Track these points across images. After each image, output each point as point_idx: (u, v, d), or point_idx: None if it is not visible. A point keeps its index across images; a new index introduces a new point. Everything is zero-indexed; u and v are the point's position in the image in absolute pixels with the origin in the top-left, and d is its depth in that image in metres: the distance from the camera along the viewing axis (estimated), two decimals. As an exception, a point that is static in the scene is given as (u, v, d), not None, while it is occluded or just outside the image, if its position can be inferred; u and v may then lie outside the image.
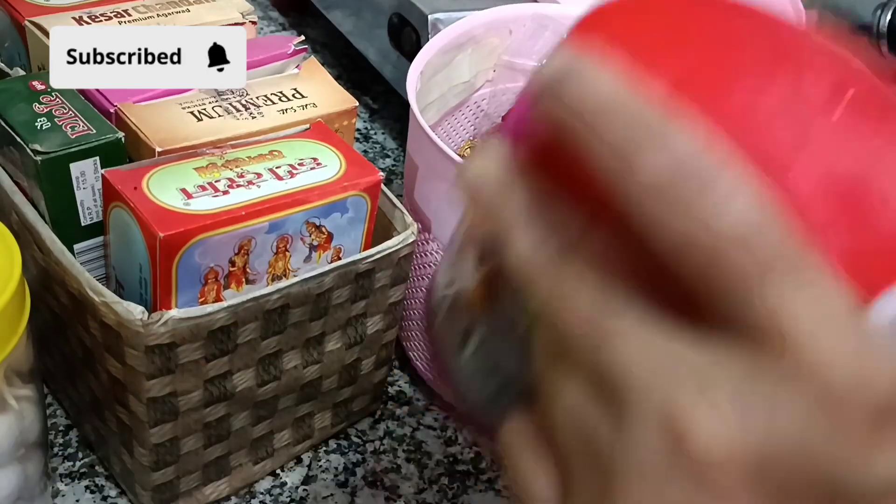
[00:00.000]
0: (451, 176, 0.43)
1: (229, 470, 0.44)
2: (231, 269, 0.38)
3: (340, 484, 0.47)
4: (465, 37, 0.54)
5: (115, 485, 0.45)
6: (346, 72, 0.85)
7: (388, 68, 0.69)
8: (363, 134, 0.76)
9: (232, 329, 0.38)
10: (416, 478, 0.48)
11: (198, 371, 0.38)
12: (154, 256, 0.36)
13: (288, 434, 0.46)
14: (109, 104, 0.41)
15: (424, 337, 0.50)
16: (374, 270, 0.43)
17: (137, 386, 0.37)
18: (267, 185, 0.39)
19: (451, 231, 0.44)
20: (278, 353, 0.41)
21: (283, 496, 0.46)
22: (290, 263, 0.41)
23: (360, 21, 0.74)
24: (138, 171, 0.38)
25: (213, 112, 0.42)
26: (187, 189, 0.37)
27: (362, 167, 0.42)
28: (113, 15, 0.45)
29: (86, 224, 0.40)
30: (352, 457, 0.49)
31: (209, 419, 0.41)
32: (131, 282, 0.38)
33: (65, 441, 0.46)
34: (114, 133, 0.39)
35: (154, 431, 0.39)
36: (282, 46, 0.48)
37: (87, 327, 0.38)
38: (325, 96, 0.46)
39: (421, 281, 0.49)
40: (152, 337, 0.35)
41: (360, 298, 0.43)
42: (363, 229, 0.43)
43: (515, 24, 0.58)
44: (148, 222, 0.35)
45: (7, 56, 0.48)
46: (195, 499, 0.44)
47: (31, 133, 0.38)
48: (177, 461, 0.41)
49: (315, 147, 0.42)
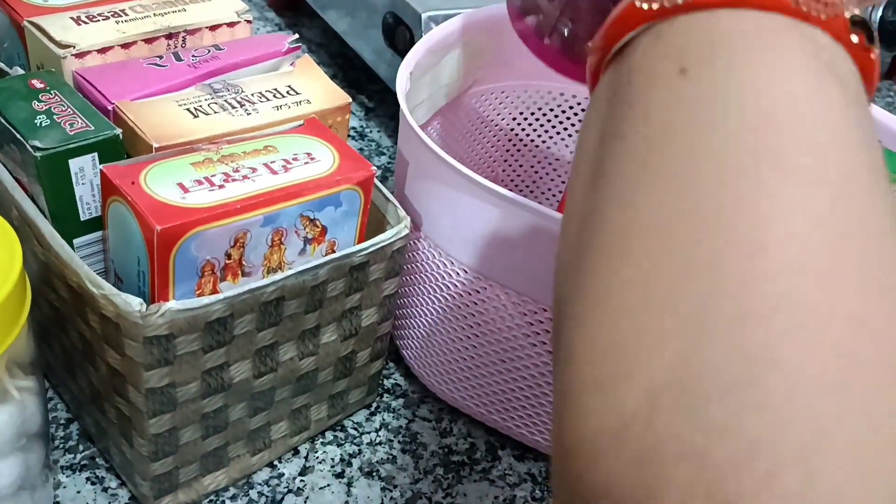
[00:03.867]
0: (441, 174, 0.44)
1: (227, 461, 0.45)
2: (227, 261, 0.39)
3: (337, 475, 0.48)
4: (454, 37, 0.55)
5: (115, 476, 0.45)
6: (342, 71, 0.85)
7: (383, 67, 0.70)
8: (358, 132, 0.77)
9: (228, 321, 0.39)
10: (411, 468, 0.49)
11: (195, 362, 0.39)
12: (152, 249, 0.36)
13: (285, 426, 0.47)
14: (107, 101, 0.42)
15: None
16: (369, 263, 0.44)
17: (136, 377, 0.38)
18: (262, 180, 0.40)
19: (441, 228, 0.45)
20: (274, 345, 0.42)
21: (280, 487, 0.47)
22: (285, 256, 0.41)
23: (354, 21, 0.74)
24: (136, 166, 0.39)
25: (208, 109, 0.43)
26: (184, 183, 0.38)
27: (355, 161, 0.43)
28: (110, 14, 0.46)
29: (85, 219, 0.41)
30: (348, 448, 0.50)
31: (207, 410, 0.42)
32: (130, 275, 0.39)
33: (65, 434, 0.47)
34: (112, 130, 0.40)
35: (153, 422, 0.40)
36: (276, 44, 0.48)
37: (86, 320, 0.39)
38: (318, 93, 0.47)
39: (413, 278, 0.49)
40: (151, 328, 0.36)
41: (355, 291, 0.44)
42: (357, 223, 0.43)
43: (504, 23, 0.59)
44: (145, 216, 0.36)
45: (6, 56, 0.48)
46: (194, 489, 0.45)
47: (30, 130, 0.39)
48: (175, 452, 0.42)
49: (309, 142, 0.43)
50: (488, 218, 0.43)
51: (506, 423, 0.50)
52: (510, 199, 0.41)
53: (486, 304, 0.46)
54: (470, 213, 0.43)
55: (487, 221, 0.43)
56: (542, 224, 0.41)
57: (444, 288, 0.47)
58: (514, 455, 0.51)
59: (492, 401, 0.49)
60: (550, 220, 0.41)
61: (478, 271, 0.45)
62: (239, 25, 0.50)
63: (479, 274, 0.45)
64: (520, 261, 0.43)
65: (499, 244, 0.43)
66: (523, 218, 0.42)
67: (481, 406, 0.50)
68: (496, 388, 0.49)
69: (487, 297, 0.46)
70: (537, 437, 0.49)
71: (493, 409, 0.50)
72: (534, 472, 0.50)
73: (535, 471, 0.51)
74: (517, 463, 0.51)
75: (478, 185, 0.42)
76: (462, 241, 0.45)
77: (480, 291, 0.46)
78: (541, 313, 0.44)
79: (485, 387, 0.49)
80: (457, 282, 0.46)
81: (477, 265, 0.45)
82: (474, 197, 0.43)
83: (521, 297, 0.44)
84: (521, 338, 0.46)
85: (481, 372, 0.49)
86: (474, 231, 0.44)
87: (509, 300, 0.45)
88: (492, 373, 0.48)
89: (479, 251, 0.44)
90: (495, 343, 0.47)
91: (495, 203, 0.42)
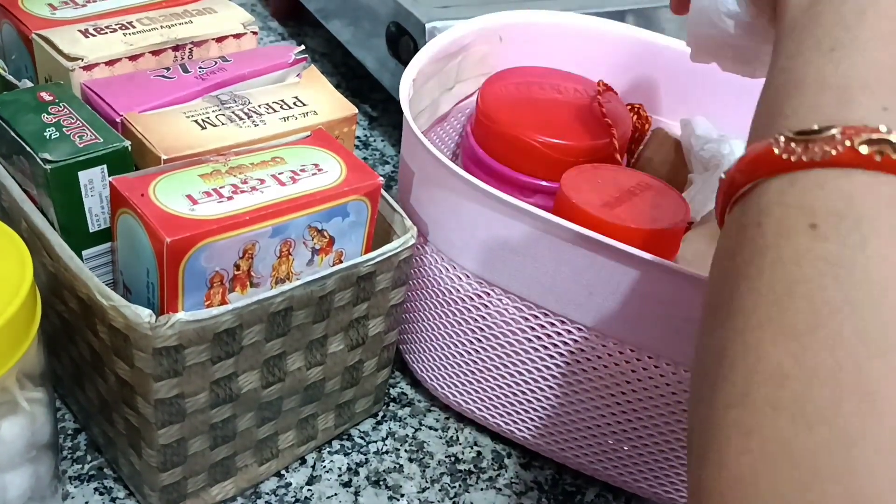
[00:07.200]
0: (444, 181, 0.44)
1: (235, 471, 0.45)
2: (236, 272, 0.39)
3: (344, 484, 0.48)
4: (456, 45, 0.55)
5: (123, 486, 0.46)
6: (345, 80, 0.86)
7: (387, 76, 0.71)
8: (363, 141, 0.77)
9: (237, 331, 0.39)
10: (418, 477, 0.49)
11: (204, 373, 0.39)
12: (161, 261, 0.37)
13: (292, 435, 0.47)
14: (116, 114, 0.42)
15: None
16: (375, 273, 0.44)
17: (145, 388, 0.38)
18: (270, 191, 0.40)
19: (445, 234, 0.45)
20: (282, 355, 0.42)
21: (287, 496, 0.47)
22: (293, 267, 0.41)
23: (358, 30, 0.75)
24: (145, 178, 0.39)
25: (216, 121, 0.43)
26: (193, 195, 0.38)
27: (362, 172, 0.43)
28: (118, 27, 0.46)
29: (94, 231, 0.41)
30: (355, 457, 0.50)
31: (215, 420, 0.42)
32: (139, 286, 0.39)
33: (73, 444, 0.47)
34: (120, 142, 0.40)
35: (162, 433, 0.40)
36: (282, 56, 0.49)
37: (95, 331, 0.39)
38: (325, 104, 0.47)
39: (419, 285, 0.50)
40: (160, 339, 0.36)
41: (362, 301, 0.44)
42: (364, 233, 0.44)
43: (505, 31, 0.59)
44: (155, 228, 0.36)
45: (14, 68, 0.49)
46: (202, 499, 0.45)
47: (40, 143, 0.39)
48: (184, 462, 0.42)
49: (316, 153, 0.43)
50: (492, 224, 0.43)
51: (509, 428, 0.50)
52: (514, 205, 0.42)
53: (489, 309, 0.46)
54: (474, 219, 0.44)
55: (491, 228, 0.43)
56: (546, 230, 0.41)
57: (448, 293, 0.48)
58: (520, 463, 0.51)
59: (495, 405, 0.50)
60: (553, 226, 0.41)
61: (482, 277, 0.45)
62: (245, 37, 0.50)
63: (484, 280, 0.45)
64: (524, 266, 0.43)
65: (503, 250, 0.44)
66: (527, 223, 0.42)
67: (486, 412, 0.50)
68: (501, 392, 0.49)
69: (491, 302, 0.46)
70: (539, 442, 0.50)
71: (498, 415, 0.50)
72: (540, 480, 0.51)
73: (541, 479, 0.51)
74: (523, 471, 0.51)
75: (482, 191, 0.42)
76: (466, 247, 0.45)
77: (484, 297, 0.46)
78: (543, 318, 0.44)
79: (488, 391, 0.49)
80: (460, 287, 0.47)
81: (481, 271, 0.45)
82: (478, 203, 0.43)
83: (524, 303, 0.44)
84: (525, 343, 0.46)
85: (486, 377, 0.49)
86: (478, 237, 0.44)
87: (513, 305, 0.45)
88: (496, 377, 0.48)
89: (484, 257, 0.45)
90: (500, 348, 0.47)
91: (499, 209, 0.42)
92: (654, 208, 0.46)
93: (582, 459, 0.49)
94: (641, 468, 0.47)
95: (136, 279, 0.39)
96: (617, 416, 0.46)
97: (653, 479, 0.48)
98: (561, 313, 0.44)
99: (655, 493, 0.49)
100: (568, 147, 0.52)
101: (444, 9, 0.65)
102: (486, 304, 0.46)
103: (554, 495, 0.50)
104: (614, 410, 0.46)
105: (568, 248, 0.41)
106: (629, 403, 0.45)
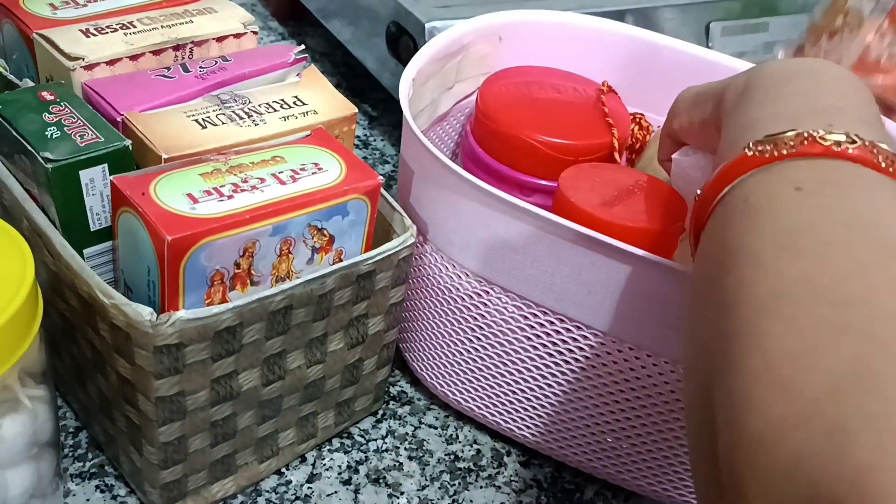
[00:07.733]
0: (444, 180, 0.44)
1: (235, 468, 0.46)
2: (236, 271, 0.39)
3: (344, 482, 0.48)
4: (456, 44, 0.55)
5: (124, 484, 0.46)
6: (345, 80, 0.86)
7: (387, 76, 0.71)
8: (362, 141, 0.77)
9: (237, 329, 0.39)
10: (417, 475, 0.50)
11: (205, 371, 0.39)
12: (162, 259, 0.37)
13: (292, 433, 0.47)
14: (116, 113, 0.42)
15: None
16: (375, 272, 0.44)
17: (146, 386, 0.38)
18: (270, 190, 0.40)
19: (445, 233, 0.46)
20: (282, 354, 0.43)
21: (288, 494, 0.47)
22: (293, 265, 0.42)
23: (358, 30, 0.75)
24: (145, 177, 0.39)
25: (216, 120, 0.44)
26: (193, 194, 0.38)
27: (362, 171, 0.43)
28: (119, 27, 0.47)
29: (95, 229, 0.41)
30: (355, 455, 0.50)
31: (216, 418, 0.42)
32: (139, 284, 0.39)
33: (75, 442, 0.48)
34: (121, 141, 0.40)
35: (162, 430, 0.40)
36: (283, 55, 0.49)
37: (96, 329, 0.39)
38: (325, 103, 0.47)
39: (418, 284, 0.50)
40: (161, 337, 0.37)
41: (362, 299, 0.45)
42: (364, 232, 0.44)
43: (504, 30, 0.59)
44: (156, 226, 0.36)
45: (15, 68, 0.49)
46: (202, 497, 0.45)
47: (41, 142, 0.39)
48: (185, 460, 0.42)
49: (316, 152, 0.43)
50: (492, 223, 0.43)
51: (509, 426, 0.50)
52: (513, 204, 0.42)
53: (489, 307, 0.46)
54: (473, 218, 0.44)
55: (491, 227, 0.43)
56: (545, 229, 0.42)
57: (447, 291, 0.48)
58: (519, 461, 0.52)
59: (494, 403, 0.50)
60: (553, 225, 0.41)
61: (481, 276, 0.46)
62: (245, 36, 0.50)
63: (483, 278, 0.46)
64: (523, 265, 0.43)
65: (502, 249, 0.44)
66: (526, 223, 0.42)
67: (486, 410, 0.51)
68: (500, 391, 0.49)
69: (491, 301, 0.46)
70: (539, 440, 0.50)
71: (498, 413, 0.50)
72: (539, 478, 0.51)
73: (540, 477, 0.51)
74: (523, 469, 0.51)
75: (481, 190, 0.43)
76: (465, 246, 0.45)
77: (483, 295, 0.46)
78: (542, 317, 0.45)
79: (488, 389, 0.49)
80: (460, 286, 0.47)
81: (480, 270, 0.45)
82: (478, 202, 0.43)
83: (523, 302, 0.45)
84: (525, 341, 0.46)
85: (485, 375, 0.49)
86: (477, 236, 0.44)
87: (512, 304, 0.45)
88: (495, 376, 0.48)
89: (483, 256, 0.45)
90: (499, 347, 0.47)
91: (498, 208, 0.42)
92: (652, 207, 0.46)
93: (581, 457, 0.49)
94: (640, 466, 0.48)
95: (137, 277, 0.39)
96: (616, 415, 0.46)
97: (651, 476, 0.48)
98: (560, 312, 0.44)
99: (654, 491, 0.49)
100: (567, 146, 0.52)
101: (444, 8, 0.65)
102: (485, 302, 0.46)
103: (553, 493, 0.50)
104: (613, 408, 0.46)
105: (567, 246, 0.41)
106: (628, 402, 0.45)
